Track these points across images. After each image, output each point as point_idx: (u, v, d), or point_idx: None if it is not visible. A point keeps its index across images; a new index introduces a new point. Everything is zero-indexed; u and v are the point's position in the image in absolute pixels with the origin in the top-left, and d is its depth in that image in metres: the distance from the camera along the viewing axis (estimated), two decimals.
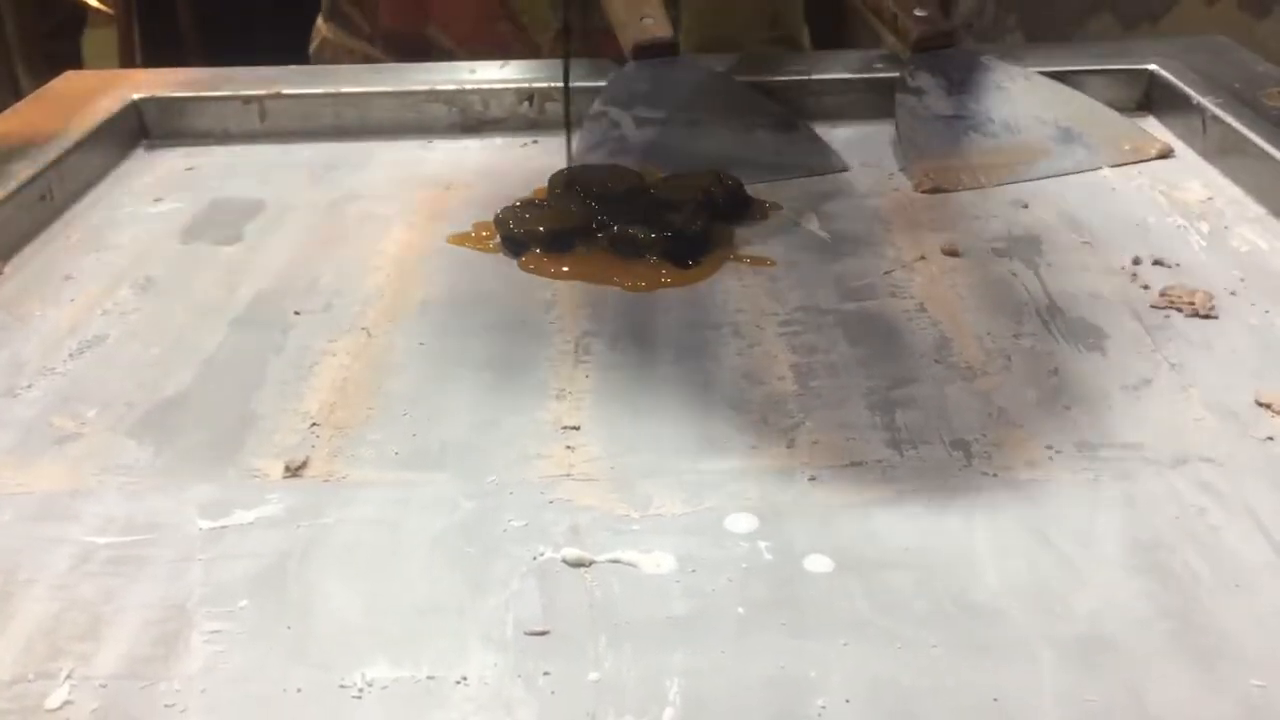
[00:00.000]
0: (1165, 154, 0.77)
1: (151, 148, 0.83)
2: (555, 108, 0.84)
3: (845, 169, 0.77)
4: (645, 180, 0.72)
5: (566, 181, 0.70)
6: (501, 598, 0.41)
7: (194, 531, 0.45)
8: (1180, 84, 0.81)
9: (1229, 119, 0.74)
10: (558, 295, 0.62)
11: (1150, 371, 0.54)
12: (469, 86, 0.84)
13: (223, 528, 0.45)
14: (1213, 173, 0.74)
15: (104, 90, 0.84)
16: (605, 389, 0.53)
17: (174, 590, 0.42)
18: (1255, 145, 0.71)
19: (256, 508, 0.46)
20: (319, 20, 1.05)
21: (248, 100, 0.84)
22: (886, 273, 0.63)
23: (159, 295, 0.62)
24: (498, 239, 0.67)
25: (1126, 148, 0.77)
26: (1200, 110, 0.77)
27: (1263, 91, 0.77)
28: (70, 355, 0.57)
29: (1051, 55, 0.86)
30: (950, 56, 0.83)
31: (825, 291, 0.61)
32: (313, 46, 1.05)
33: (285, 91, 0.84)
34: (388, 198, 0.74)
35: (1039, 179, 0.74)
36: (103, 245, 0.68)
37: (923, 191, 0.73)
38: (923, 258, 0.64)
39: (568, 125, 0.75)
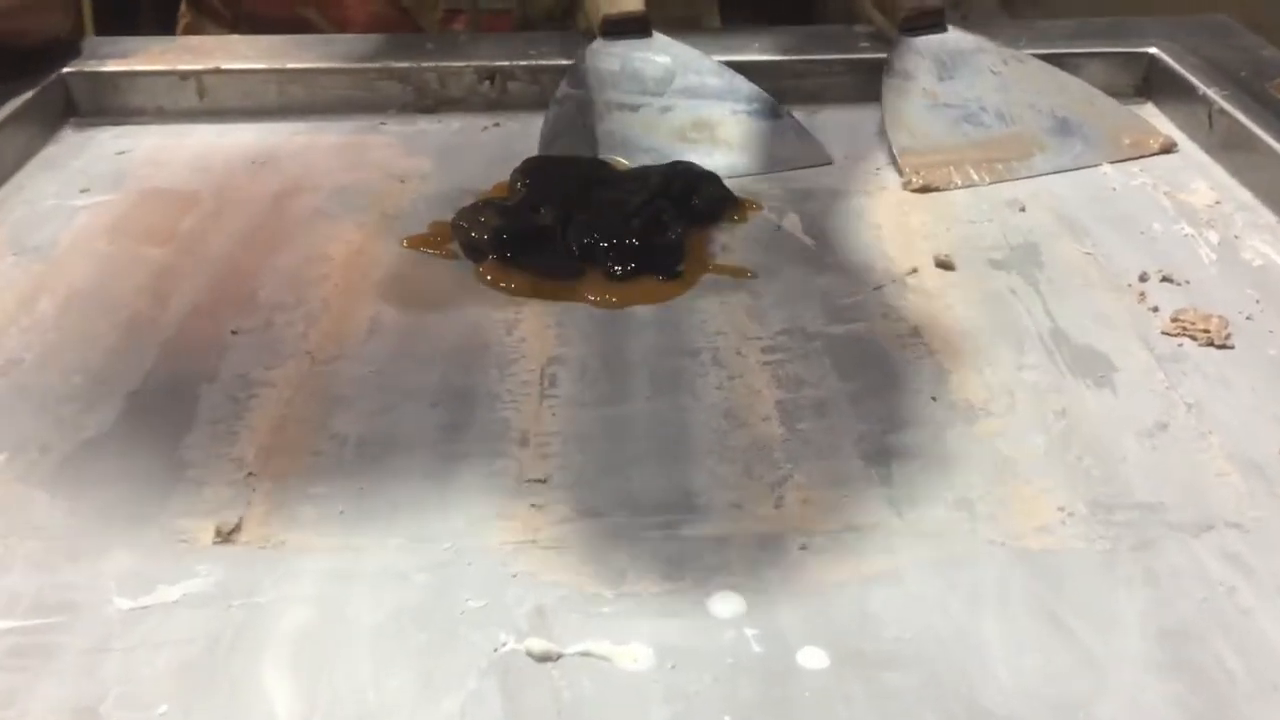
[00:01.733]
0: (1168, 148, 0.73)
1: (80, 126, 0.77)
2: (518, 87, 0.79)
3: (829, 162, 0.72)
4: (615, 173, 0.67)
5: (529, 179, 0.65)
6: (458, 701, 0.37)
7: (111, 613, 0.40)
8: (1183, 71, 0.76)
9: (1236, 113, 0.70)
10: (521, 313, 0.57)
11: (1165, 414, 0.49)
12: (425, 64, 0.78)
13: (144, 608, 0.40)
14: (1218, 171, 0.70)
15: (29, 61, 0.77)
16: (573, 432, 0.48)
17: (86, 690, 0.37)
18: (1265, 144, 0.67)
19: (182, 581, 0.41)
20: (182, 5, 0.95)
21: (185, 76, 0.77)
22: (876, 288, 0.58)
23: (83, 309, 0.57)
24: (456, 242, 0.62)
25: (1127, 142, 0.73)
26: (1205, 102, 0.73)
27: (1270, 82, 0.73)
28: None
29: (1046, 36, 0.81)
30: (940, 37, 0.78)
31: (811, 311, 0.57)
32: (178, 31, 0.95)
33: (225, 67, 0.78)
34: (336, 191, 0.68)
35: (1034, 176, 0.70)
36: (22, 246, 0.62)
37: (912, 190, 0.68)
38: (915, 270, 0.60)
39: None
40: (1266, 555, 0.42)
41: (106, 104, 0.77)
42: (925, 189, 0.68)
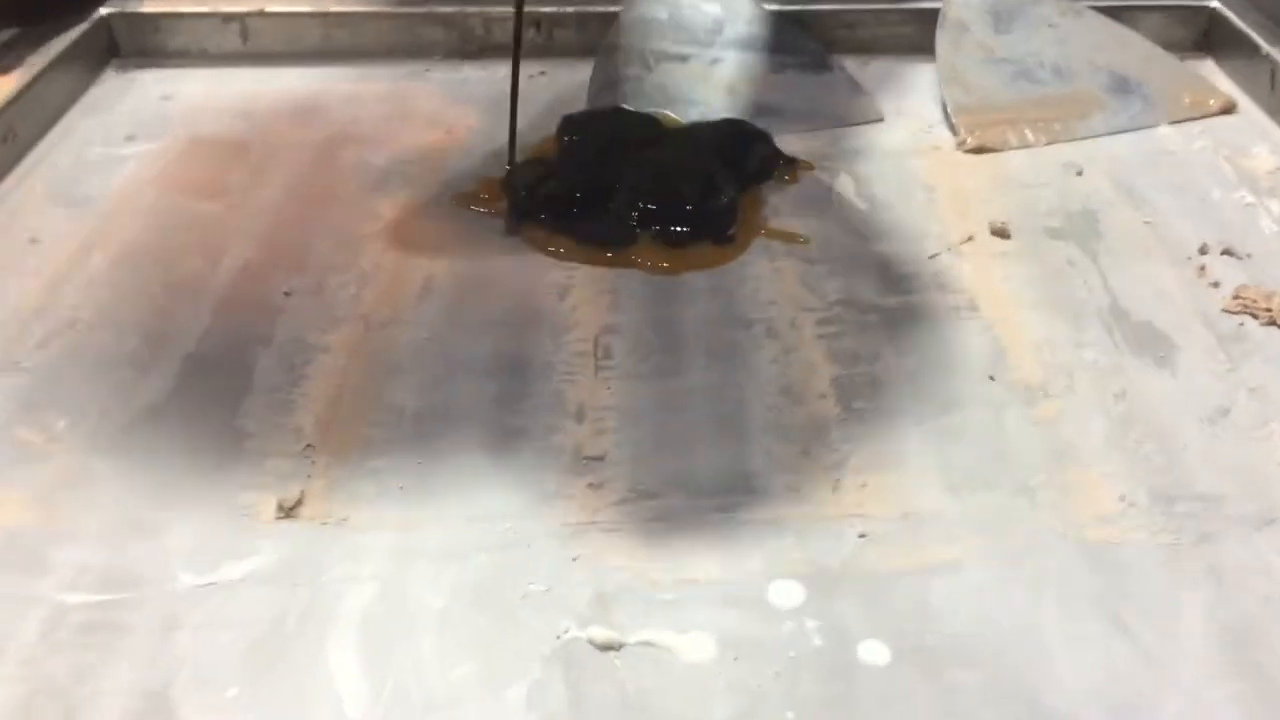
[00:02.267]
0: (1228, 109, 0.71)
1: (123, 68, 0.76)
2: (565, 35, 0.77)
3: (880, 118, 0.71)
4: (665, 131, 0.66)
5: (578, 136, 0.64)
6: (523, 689, 0.37)
7: (177, 589, 0.40)
8: (1245, 27, 0.74)
9: None
10: (573, 277, 0.56)
11: (1227, 398, 0.49)
12: (470, 9, 0.77)
13: (210, 585, 0.40)
14: (1279, 134, 0.69)
15: (68, 1, 0.76)
16: (629, 406, 0.48)
17: (155, 671, 0.37)
18: None
19: (247, 558, 0.41)
20: None
21: (228, 19, 0.76)
22: (932, 256, 0.58)
23: (135, 266, 0.57)
24: (504, 202, 0.61)
25: (1186, 101, 0.71)
26: (1269, 60, 0.71)
27: None
28: (37, 345, 0.52)
29: None
30: None
31: (865, 281, 0.56)
32: None
33: (269, 10, 0.76)
34: (383, 141, 0.68)
35: (1092, 137, 0.68)
36: (71, 198, 0.62)
37: (967, 151, 0.67)
38: (971, 238, 0.59)
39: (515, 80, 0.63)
40: None
41: (149, 46, 0.77)
42: (980, 149, 0.67)
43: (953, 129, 0.69)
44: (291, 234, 0.59)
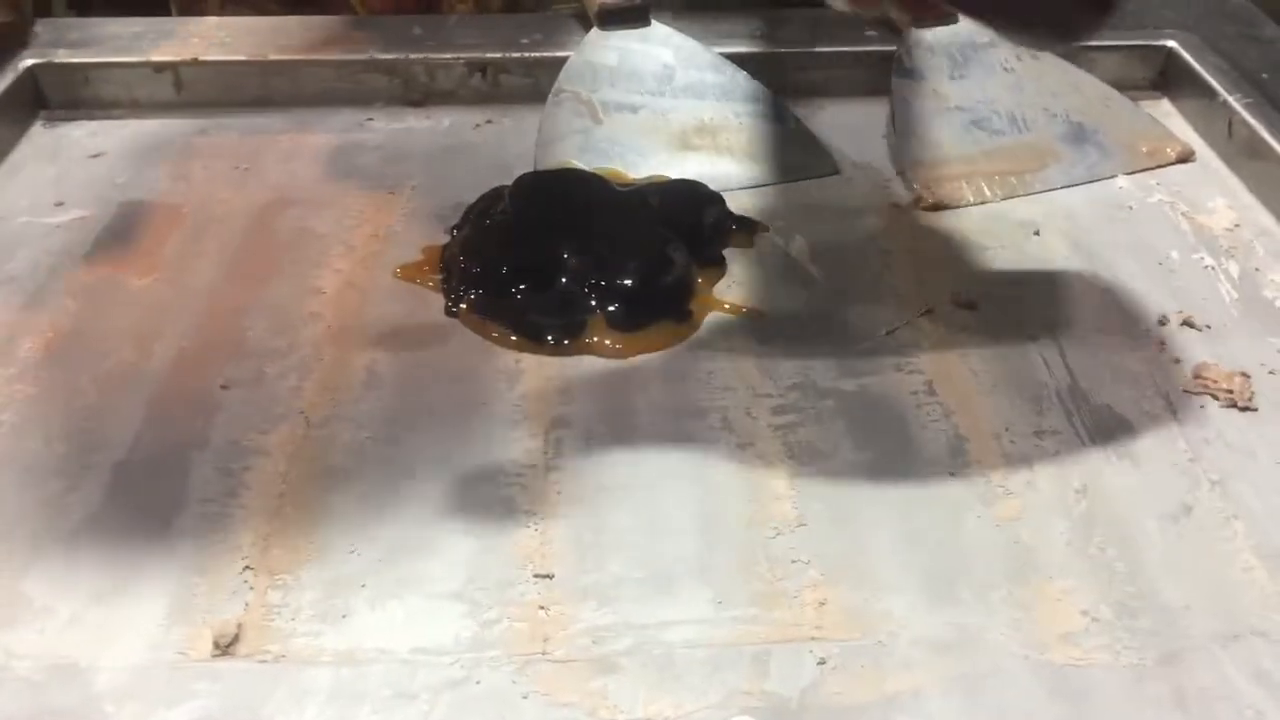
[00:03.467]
0: (1185, 158, 0.70)
1: (51, 122, 0.73)
2: (511, 81, 0.75)
3: (836, 172, 0.69)
4: (614, 196, 0.64)
5: (521, 205, 0.61)
6: None
7: None
8: (1201, 70, 0.73)
9: (1257, 125, 0.67)
10: (522, 362, 0.55)
11: (1189, 493, 0.48)
12: (413, 55, 0.75)
13: None
14: (1237, 184, 0.68)
15: None
16: (581, 515, 0.47)
17: None
18: None
19: (181, 704, 0.40)
20: None
21: (160, 68, 0.74)
22: (889, 332, 0.56)
23: (64, 358, 0.54)
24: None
25: (1144, 150, 0.70)
26: (1226, 108, 0.70)
27: None
28: None
29: None
30: (952, 29, 0.74)
31: (822, 361, 0.55)
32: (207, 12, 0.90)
33: (203, 58, 0.74)
34: (324, 204, 0.66)
35: (1048, 190, 0.67)
36: None
37: (923, 208, 0.66)
38: (929, 311, 0.58)
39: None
40: None
41: (78, 97, 0.74)
42: (936, 207, 0.66)
43: (908, 185, 0.67)
44: (228, 315, 0.57)
